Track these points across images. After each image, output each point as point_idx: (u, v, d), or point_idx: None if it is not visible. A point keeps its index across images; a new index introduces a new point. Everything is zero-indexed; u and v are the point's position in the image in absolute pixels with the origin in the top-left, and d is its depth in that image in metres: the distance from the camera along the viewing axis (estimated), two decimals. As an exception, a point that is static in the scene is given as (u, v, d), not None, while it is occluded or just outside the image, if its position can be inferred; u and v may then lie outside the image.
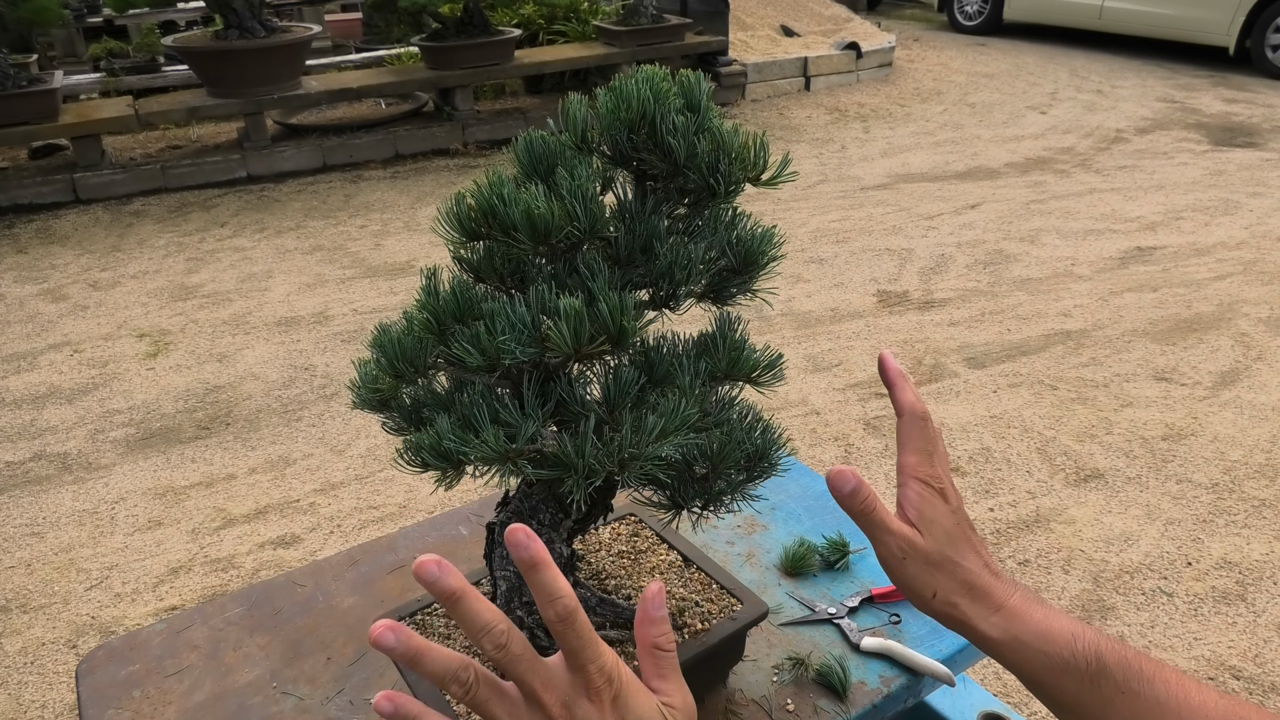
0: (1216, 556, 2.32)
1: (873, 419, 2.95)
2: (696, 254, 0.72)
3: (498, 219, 0.69)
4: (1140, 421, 2.90)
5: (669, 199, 0.76)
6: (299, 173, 5.65)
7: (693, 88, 0.73)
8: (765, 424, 0.80)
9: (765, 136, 0.76)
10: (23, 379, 3.42)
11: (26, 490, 2.77)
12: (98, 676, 1.06)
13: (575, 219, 0.68)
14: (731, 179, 0.73)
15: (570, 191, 0.68)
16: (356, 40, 8.42)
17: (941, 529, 0.69)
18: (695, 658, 0.87)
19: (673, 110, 0.72)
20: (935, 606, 0.68)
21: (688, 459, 0.75)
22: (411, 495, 2.65)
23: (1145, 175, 5.23)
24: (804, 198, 5.04)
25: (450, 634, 0.93)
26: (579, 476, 0.66)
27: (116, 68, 6.83)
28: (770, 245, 0.78)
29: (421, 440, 0.69)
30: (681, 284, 0.72)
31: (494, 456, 0.66)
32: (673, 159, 0.72)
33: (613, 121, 0.73)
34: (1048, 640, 0.63)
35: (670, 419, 0.67)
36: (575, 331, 0.65)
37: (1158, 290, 3.79)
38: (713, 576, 0.97)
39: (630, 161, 0.75)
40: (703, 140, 0.72)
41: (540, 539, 0.54)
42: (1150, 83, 7.37)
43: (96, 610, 2.28)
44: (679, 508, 0.77)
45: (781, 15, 8.18)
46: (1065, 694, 0.63)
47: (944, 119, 6.52)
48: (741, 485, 0.78)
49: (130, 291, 4.14)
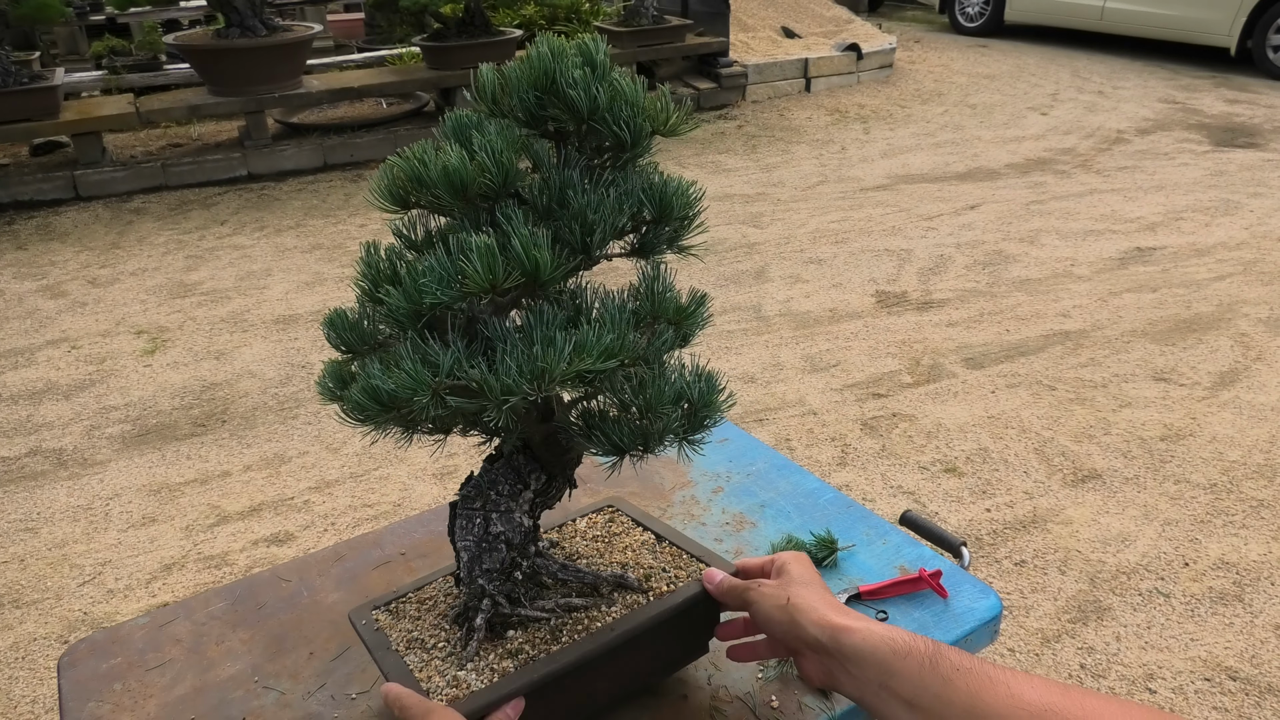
0: (1214, 557, 2.31)
1: (870, 419, 2.94)
2: (609, 200, 0.76)
3: (421, 181, 0.74)
4: (1139, 422, 2.88)
5: (584, 154, 0.81)
6: (300, 171, 5.65)
7: (590, 49, 0.78)
8: (708, 374, 0.82)
9: (669, 89, 0.82)
10: (20, 375, 3.42)
11: (21, 486, 2.76)
12: (79, 670, 1.05)
13: (487, 170, 0.73)
14: (638, 129, 0.78)
15: (481, 147, 0.74)
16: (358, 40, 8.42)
17: (774, 622, 0.82)
18: (659, 618, 0.87)
19: (572, 67, 0.77)
20: (801, 642, 0.80)
21: (624, 401, 0.78)
22: (406, 494, 2.64)
23: (1146, 176, 5.22)
24: (804, 199, 5.03)
25: (420, 615, 0.93)
26: (496, 397, 0.69)
27: (118, 65, 6.83)
28: (685, 197, 0.82)
29: (356, 385, 0.73)
30: (595, 227, 0.76)
31: (415, 386, 0.70)
32: (576, 111, 0.77)
33: (519, 84, 0.78)
34: (892, 630, 0.74)
35: (585, 341, 0.71)
36: (489, 267, 0.69)
37: (1157, 291, 3.78)
38: (683, 548, 0.97)
39: (542, 122, 0.80)
40: (603, 91, 0.77)
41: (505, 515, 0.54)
42: (1152, 83, 7.36)
43: (89, 606, 2.28)
44: (620, 451, 0.79)
45: (783, 17, 8.17)
46: (908, 676, 0.71)
47: (944, 120, 6.51)
48: (680, 430, 0.80)
49: (129, 288, 4.14)
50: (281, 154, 5.65)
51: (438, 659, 0.86)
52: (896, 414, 2.97)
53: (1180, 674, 1.98)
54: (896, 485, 2.61)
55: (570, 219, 0.76)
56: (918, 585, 1.04)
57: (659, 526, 1.01)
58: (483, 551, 0.87)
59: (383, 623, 0.93)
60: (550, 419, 0.87)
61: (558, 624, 0.88)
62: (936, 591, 1.04)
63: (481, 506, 0.88)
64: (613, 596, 0.91)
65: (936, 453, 2.76)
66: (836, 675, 0.77)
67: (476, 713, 0.78)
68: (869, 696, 0.74)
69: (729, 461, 1.34)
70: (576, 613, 0.89)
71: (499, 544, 0.87)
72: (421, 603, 0.95)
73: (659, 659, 0.93)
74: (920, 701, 0.70)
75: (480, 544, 0.87)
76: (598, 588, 0.92)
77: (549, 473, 0.90)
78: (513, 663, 0.84)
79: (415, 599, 0.96)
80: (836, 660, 0.76)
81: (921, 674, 0.70)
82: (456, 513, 0.90)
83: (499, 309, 0.77)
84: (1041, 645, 2.07)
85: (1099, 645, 2.06)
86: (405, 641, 0.89)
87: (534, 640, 0.87)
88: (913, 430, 2.87)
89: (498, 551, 0.87)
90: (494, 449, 0.94)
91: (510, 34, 6.13)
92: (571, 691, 0.85)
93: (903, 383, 3.16)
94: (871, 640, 0.74)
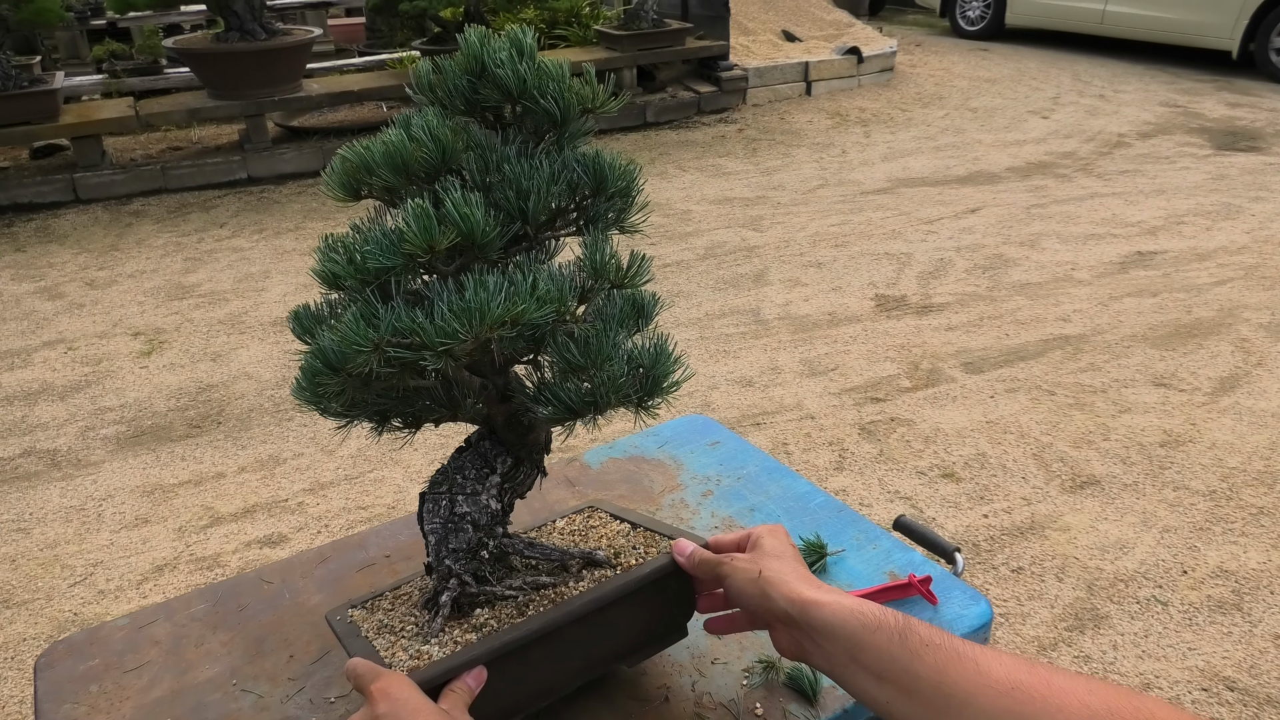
0: (1213, 565, 2.29)
1: (868, 424, 2.92)
2: (543, 169, 0.80)
3: (367, 167, 0.78)
4: (1138, 428, 2.87)
5: (520, 133, 0.84)
6: (299, 175, 5.64)
7: (518, 36, 0.83)
8: (658, 338, 0.85)
9: (593, 72, 0.88)
10: (15, 375, 3.41)
11: (14, 486, 2.75)
12: (56, 671, 1.04)
13: (424, 146, 0.78)
14: (567, 105, 0.82)
15: (418, 127, 0.79)
16: (359, 44, 8.43)
17: (746, 595, 0.82)
18: (625, 588, 0.86)
19: (499, 49, 0.81)
20: (772, 615, 0.80)
21: (571, 361, 0.80)
22: (400, 496, 2.63)
23: (1147, 180, 5.21)
24: (804, 202, 5.02)
25: (393, 608, 0.93)
26: (433, 342, 0.72)
27: (118, 69, 6.84)
28: (620, 170, 0.85)
29: (307, 355, 0.77)
30: (530, 193, 0.79)
31: (358, 340, 0.72)
32: (505, 88, 0.81)
33: (452, 72, 0.83)
34: (862, 604, 0.74)
35: (519, 286, 0.74)
36: (425, 228, 0.73)
37: (1158, 295, 3.77)
38: (656, 530, 0.96)
39: (477, 108, 0.84)
40: (530, 70, 0.81)
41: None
42: (1153, 87, 7.34)
43: (79, 607, 2.26)
44: (572, 414, 0.80)
45: (783, 20, 8.17)
46: (877, 650, 0.71)
47: (945, 123, 6.50)
48: (634, 393, 0.82)
49: (127, 290, 4.13)
50: (281, 157, 5.64)
51: (404, 639, 0.86)
52: (895, 418, 2.95)
53: (1177, 683, 1.96)
54: (894, 490, 2.60)
55: (506, 187, 0.80)
56: (907, 591, 1.02)
57: (635, 517, 1.00)
58: (449, 532, 0.88)
59: (356, 617, 0.92)
60: (509, 399, 0.88)
61: (525, 600, 0.88)
62: (926, 598, 1.02)
63: (448, 490, 0.89)
64: (581, 574, 0.91)
65: (934, 458, 2.74)
66: (806, 648, 0.77)
67: (434, 679, 0.76)
68: (838, 669, 0.74)
69: (719, 465, 1.32)
70: (545, 590, 0.89)
71: (465, 524, 0.88)
72: (397, 598, 0.94)
73: (632, 634, 0.90)
74: (889, 675, 0.70)
75: (446, 525, 0.88)
76: (566, 566, 0.92)
77: (515, 456, 0.91)
78: (477, 636, 0.83)
79: (391, 595, 0.95)
80: (806, 634, 0.76)
81: (890, 648, 0.70)
82: (424, 499, 0.90)
83: (443, 275, 0.79)
84: (1038, 653, 2.05)
85: (1096, 654, 2.04)
86: (375, 628, 0.89)
87: (501, 617, 0.86)
88: (911, 435, 2.86)
89: (463, 532, 0.88)
90: (465, 440, 0.94)
91: (511, 37, 6.12)
92: (538, 666, 0.84)
93: (901, 387, 3.14)
94: (840, 614, 0.73)
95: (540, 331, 0.79)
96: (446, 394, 0.88)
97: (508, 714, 0.84)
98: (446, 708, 0.75)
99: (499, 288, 0.74)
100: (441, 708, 0.74)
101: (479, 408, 0.89)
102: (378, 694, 0.73)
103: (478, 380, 0.86)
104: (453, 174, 0.81)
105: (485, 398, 0.88)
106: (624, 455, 1.36)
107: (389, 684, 0.74)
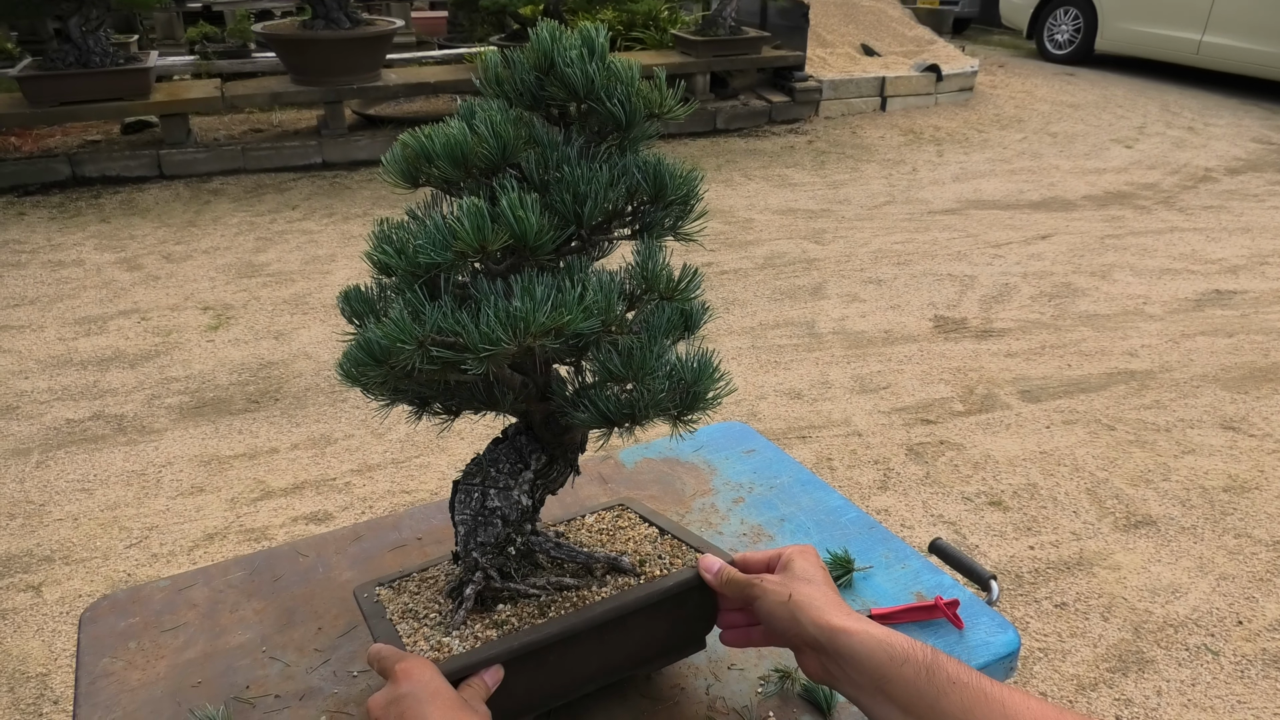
0: (1271, 618, 2.19)
1: (916, 445, 2.87)
2: (602, 174, 0.79)
3: (427, 156, 0.78)
4: (1201, 470, 2.76)
5: (584, 134, 0.83)
6: (372, 162, 5.77)
7: (590, 34, 0.81)
8: (702, 354, 0.83)
9: (663, 77, 0.84)
10: (91, 341, 3.56)
11: (82, 448, 2.87)
12: (99, 625, 1.08)
13: (485, 141, 0.77)
14: (633, 109, 0.80)
15: (481, 121, 0.78)
16: (440, 37, 8.59)
17: (775, 618, 0.81)
18: (648, 599, 0.86)
19: (570, 48, 0.80)
20: (800, 639, 0.80)
21: (612, 370, 0.79)
22: (444, 483, 2.67)
23: (1232, 217, 5.02)
24: (869, 218, 4.96)
25: (419, 591, 0.95)
26: (476, 347, 0.71)
27: (209, 51, 7.09)
28: (682, 178, 0.84)
29: (353, 344, 0.77)
30: (587, 198, 0.78)
31: (402, 336, 0.72)
32: (573, 88, 0.80)
33: (520, 66, 0.82)
34: (892, 635, 0.74)
35: (567, 296, 0.73)
36: (478, 227, 0.72)
37: (1233, 336, 3.63)
38: (683, 539, 0.95)
39: (544, 104, 0.83)
40: (599, 71, 0.79)
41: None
42: (1246, 122, 7.08)
43: (133, 568, 2.35)
44: (608, 422, 0.80)
45: (863, 34, 8.09)
46: (904, 683, 0.70)
47: (1022, 147, 6.36)
48: (676, 411, 0.81)
49: (200, 265, 4.28)
50: (356, 144, 5.78)
51: (426, 628, 0.87)
52: (944, 441, 2.89)
53: None
54: (937, 514, 2.55)
55: (563, 189, 0.78)
56: (932, 613, 1.01)
57: (664, 522, 1.00)
58: (478, 525, 0.89)
59: (383, 596, 0.94)
60: (548, 399, 0.88)
61: (547, 600, 0.88)
62: (952, 621, 1.00)
63: (481, 482, 0.89)
64: (605, 579, 0.91)
65: (982, 484, 2.68)
66: (834, 674, 0.77)
67: (452, 675, 0.78)
68: (864, 699, 0.74)
69: (753, 473, 1.32)
70: (567, 591, 0.90)
71: (494, 518, 0.89)
72: (424, 581, 0.96)
73: (650, 644, 0.91)
74: (914, 710, 0.70)
75: (477, 517, 0.89)
76: (591, 569, 0.92)
77: (550, 454, 0.91)
78: (497, 633, 0.84)
79: (418, 577, 0.97)
80: (834, 660, 0.76)
81: (917, 682, 0.70)
82: (457, 489, 0.91)
83: (491, 274, 0.78)
84: (1075, 692, 1.99)
85: (1138, 698, 1.97)
86: (400, 612, 0.91)
87: (522, 615, 0.87)
88: (959, 459, 2.80)
89: (493, 526, 0.89)
90: (501, 431, 0.95)
91: (587, 38, 6.17)
92: (555, 669, 0.85)
93: (954, 410, 3.08)
94: (869, 644, 0.73)
95: (584, 340, 0.79)
96: (486, 389, 0.89)
97: (522, 711, 0.85)
98: (465, 698, 0.77)
99: (546, 296, 0.73)
100: (460, 696, 0.77)
101: (518, 404, 0.90)
102: (401, 674, 0.76)
103: (519, 378, 0.87)
104: (512, 168, 0.81)
105: (525, 395, 0.88)
106: (658, 456, 1.37)
107: (412, 665, 0.77)
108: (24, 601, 2.25)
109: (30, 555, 2.40)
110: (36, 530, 2.49)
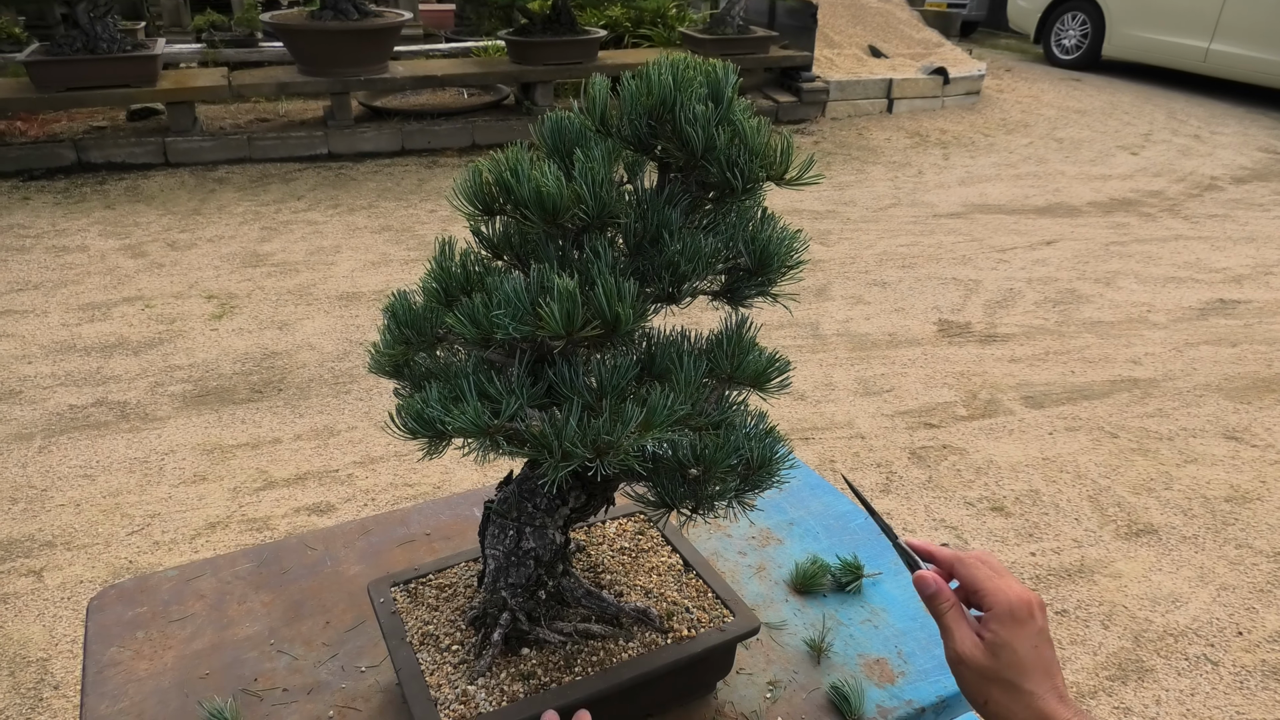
0: (1271, 629, 2.20)
1: (919, 448, 2.87)
2: (706, 248, 0.70)
3: (511, 194, 0.68)
4: (1204, 480, 2.76)
5: (689, 191, 0.74)
6: (377, 154, 5.77)
7: (719, 78, 0.71)
8: (769, 432, 0.78)
9: (791, 138, 0.74)
10: (95, 328, 3.55)
11: (85, 434, 2.87)
12: (106, 615, 1.08)
13: (583, 201, 0.67)
14: (750, 175, 0.71)
15: (581, 173, 0.67)
16: (447, 30, 8.58)
17: (1015, 655, 0.71)
18: (674, 664, 0.85)
19: (695, 100, 0.69)
20: (988, 711, 0.71)
21: (681, 459, 0.73)
22: (447, 477, 2.67)
23: (1237, 226, 5.02)
24: (874, 220, 4.96)
25: (438, 605, 0.93)
26: (555, 459, 0.65)
27: (216, 39, 7.08)
28: (792, 249, 0.76)
29: (409, 406, 0.69)
30: (687, 277, 0.70)
31: (472, 429, 0.66)
32: (690, 149, 0.70)
33: (633, 106, 0.71)
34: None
35: (656, 412, 0.66)
36: (568, 313, 0.64)
37: (1237, 345, 3.63)
38: (709, 584, 0.95)
39: (651, 149, 0.73)
40: (723, 132, 0.69)
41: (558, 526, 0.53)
42: (1253, 131, 7.07)
43: (134, 555, 2.35)
44: (668, 507, 0.76)
45: (871, 35, 8.07)
46: None
47: (1028, 152, 6.35)
48: (736, 492, 0.75)
49: (205, 254, 4.27)
50: (362, 136, 5.77)
51: (449, 665, 0.85)
52: (947, 446, 2.89)
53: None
54: (939, 519, 2.55)
55: (662, 266, 0.71)
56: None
57: (688, 550, 0.99)
58: (510, 564, 0.85)
59: (400, 604, 0.93)
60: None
61: (573, 650, 0.86)
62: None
63: (516, 518, 0.85)
64: (632, 630, 0.89)
65: (985, 489, 2.68)
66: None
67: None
68: None
69: (762, 476, 1.32)
70: (593, 640, 0.87)
71: (528, 559, 0.85)
72: (440, 589, 0.95)
73: (668, 695, 0.92)
74: None
75: (510, 556, 0.85)
76: (619, 619, 0.90)
77: (589, 492, 0.87)
78: (523, 687, 0.82)
79: (435, 583, 0.96)
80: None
81: None
82: (490, 518, 0.88)
83: (568, 354, 0.73)
84: (1075, 700, 1.99)
85: (1137, 707, 1.98)
86: (420, 635, 0.88)
87: (547, 664, 0.85)
88: (962, 464, 2.80)
89: (525, 567, 0.85)
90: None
91: (595, 34, 6.17)
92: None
93: (957, 415, 3.08)
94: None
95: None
96: None
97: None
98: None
99: (636, 412, 0.65)
100: None
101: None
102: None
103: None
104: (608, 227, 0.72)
105: None
106: (668, 458, 1.36)
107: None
108: (25, 586, 2.25)
109: (32, 540, 2.40)
110: (38, 515, 2.49)
